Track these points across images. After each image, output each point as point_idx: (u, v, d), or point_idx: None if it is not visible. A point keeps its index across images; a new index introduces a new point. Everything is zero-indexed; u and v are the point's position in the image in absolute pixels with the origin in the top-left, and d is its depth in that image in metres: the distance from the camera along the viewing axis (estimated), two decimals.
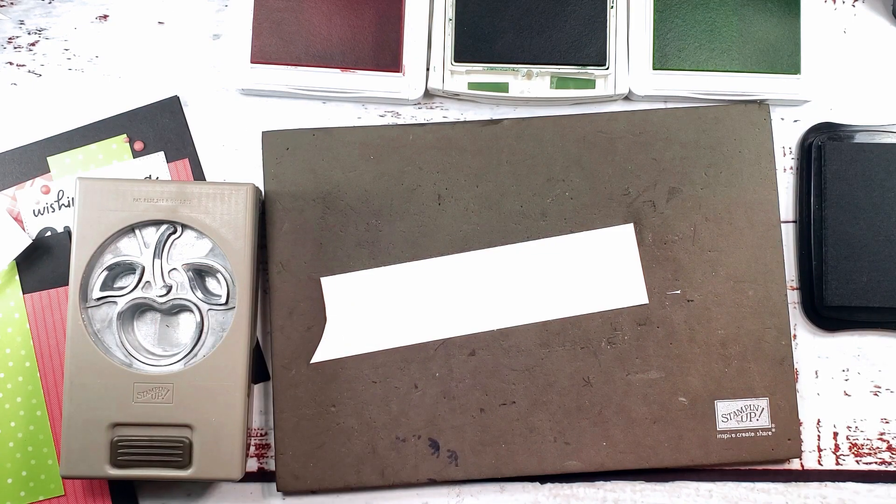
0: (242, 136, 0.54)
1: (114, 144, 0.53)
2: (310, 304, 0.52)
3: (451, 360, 0.52)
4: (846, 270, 0.52)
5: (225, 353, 0.49)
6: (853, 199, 0.52)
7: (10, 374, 0.52)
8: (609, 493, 0.52)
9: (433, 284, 0.52)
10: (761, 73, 0.53)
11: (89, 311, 0.50)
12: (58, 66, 0.54)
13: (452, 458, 0.51)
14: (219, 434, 0.48)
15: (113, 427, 0.48)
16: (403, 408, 0.52)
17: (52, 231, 0.53)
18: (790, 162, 0.54)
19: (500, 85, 0.53)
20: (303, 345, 0.51)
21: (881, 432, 0.53)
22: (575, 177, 0.53)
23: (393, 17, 0.53)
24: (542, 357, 0.52)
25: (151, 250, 0.50)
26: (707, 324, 0.52)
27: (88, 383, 0.48)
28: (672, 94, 0.53)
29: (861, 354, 0.53)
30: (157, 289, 0.50)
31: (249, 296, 0.49)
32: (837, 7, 0.55)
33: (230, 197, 0.49)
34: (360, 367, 0.52)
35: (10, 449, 0.51)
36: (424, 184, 0.53)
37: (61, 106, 0.54)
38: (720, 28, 0.53)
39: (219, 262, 0.50)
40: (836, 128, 0.53)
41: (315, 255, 0.52)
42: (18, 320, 0.52)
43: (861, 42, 0.55)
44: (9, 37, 0.54)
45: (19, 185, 0.53)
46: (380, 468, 0.51)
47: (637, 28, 0.53)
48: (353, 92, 0.53)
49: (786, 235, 0.54)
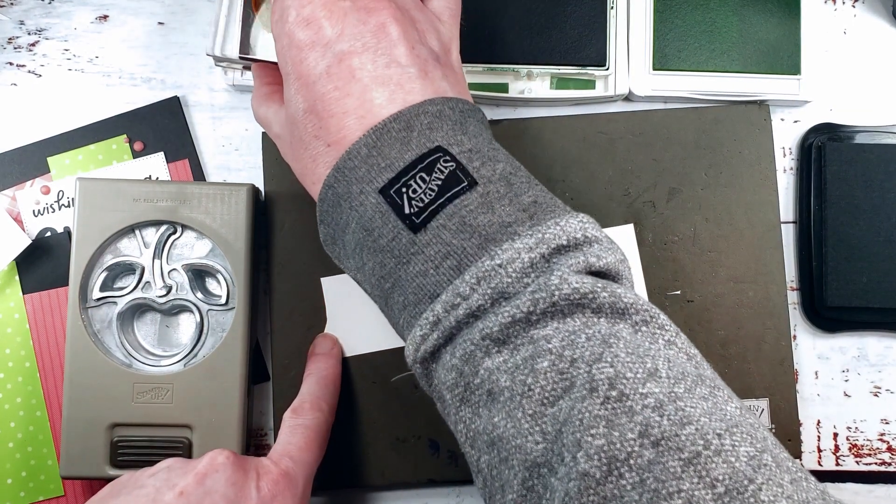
0: (243, 136, 0.54)
1: (114, 145, 0.53)
2: (310, 304, 0.52)
3: None
4: (846, 271, 0.52)
5: (225, 354, 0.49)
6: (853, 200, 0.52)
7: (9, 374, 0.52)
8: None
9: None
10: (761, 73, 0.53)
11: (89, 311, 0.50)
12: (58, 66, 0.54)
13: (452, 459, 0.51)
14: (218, 434, 0.48)
15: (113, 427, 0.48)
16: (403, 408, 0.51)
17: (51, 231, 0.53)
18: (790, 162, 0.54)
19: (500, 85, 0.53)
20: (303, 345, 0.51)
21: (881, 433, 0.53)
22: (575, 177, 0.53)
23: None
24: None
25: (151, 251, 0.50)
26: (707, 324, 0.52)
27: (88, 384, 0.48)
28: (672, 95, 0.53)
29: (861, 355, 0.53)
30: (157, 289, 0.50)
31: (249, 296, 0.49)
32: (838, 8, 0.55)
33: (230, 197, 0.49)
34: (360, 367, 0.52)
35: (9, 449, 0.51)
36: None
37: (61, 106, 0.54)
38: (720, 29, 0.53)
39: (218, 263, 0.50)
40: (836, 128, 0.53)
41: (315, 256, 0.52)
42: (18, 321, 0.52)
43: (861, 43, 0.55)
44: (9, 37, 0.54)
45: (19, 186, 0.53)
46: (380, 469, 0.51)
47: (637, 29, 0.53)
48: None
49: (786, 236, 0.53)
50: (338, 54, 0.38)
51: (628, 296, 0.34)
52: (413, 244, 0.36)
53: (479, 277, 0.34)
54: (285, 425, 0.47)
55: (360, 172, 0.37)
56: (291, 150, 0.41)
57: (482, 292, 0.34)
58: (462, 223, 0.35)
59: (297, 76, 0.38)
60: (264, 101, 0.44)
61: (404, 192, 0.36)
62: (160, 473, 0.42)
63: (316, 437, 0.46)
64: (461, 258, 0.35)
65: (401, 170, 0.36)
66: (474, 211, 0.36)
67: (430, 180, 0.36)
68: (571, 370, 0.33)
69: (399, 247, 0.36)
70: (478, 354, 0.34)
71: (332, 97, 0.38)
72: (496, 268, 0.34)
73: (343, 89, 0.37)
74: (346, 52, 0.38)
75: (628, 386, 0.32)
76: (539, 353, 0.33)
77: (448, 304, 0.35)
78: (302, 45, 0.38)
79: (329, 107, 0.38)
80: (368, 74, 0.37)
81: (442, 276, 0.35)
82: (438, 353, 0.36)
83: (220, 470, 0.42)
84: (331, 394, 0.49)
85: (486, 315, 0.34)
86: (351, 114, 0.37)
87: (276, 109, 0.43)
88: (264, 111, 0.44)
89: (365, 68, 0.37)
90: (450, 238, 0.35)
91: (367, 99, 0.37)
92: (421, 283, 0.36)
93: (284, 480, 0.43)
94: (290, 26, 0.38)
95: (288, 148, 0.42)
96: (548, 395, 0.33)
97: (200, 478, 0.41)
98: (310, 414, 0.47)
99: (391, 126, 0.37)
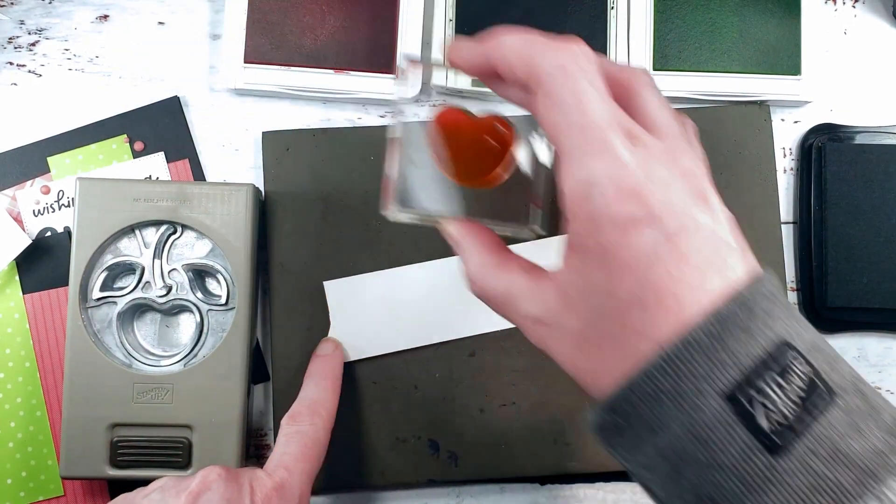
0: (243, 137, 0.54)
1: (114, 144, 0.53)
2: (310, 304, 0.52)
3: (451, 361, 0.52)
4: (846, 272, 0.52)
5: (225, 354, 0.49)
6: (853, 201, 0.52)
7: (9, 374, 0.52)
8: (609, 494, 0.52)
9: (435, 287, 0.52)
10: (762, 74, 0.53)
11: (89, 311, 0.50)
12: (58, 66, 0.54)
13: (452, 459, 0.51)
14: (218, 434, 0.48)
15: (113, 427, 0.48)
16: (403, 408, 0.51)
17: (52, 231, 0.53)
18: (790, 163, 0.54)
19: None
20: (303, 345, 0.51)
21: None
22: None
23: (387, 18, 0.53)
24: (542, 357, 0.52)
25: (151, 250, 0.50)
26: None
27: (88, 383, 0.48)
28: (672, 95, 0.53)
29: (861, 356, 0.53)
30: (157, 289, 0.50)
31: (249, 296, 0.49)
32: (838, 8, 0.55)
33: (230, 197, 0.49)
34: (359, 368, 0.52)
35: (9, 449, 0.51)
36: None
37: (61, 106, 0.54)
38: (720, 29, 0.53)
39: (219, 263, 0.50)
40: (836, 129, 0.53)
41: (315, 256, 0.52)
42: (18, 320, 0.52)
43: (862, 43, 0.55)
44: (9, 37, 0.54)
45: (19, 185, 0.53)
46: (380, 469, 0.51)
47: (637, 29, 0.53)
48: (347, 93, 0.53)
49: (786, 236, 0.53)
50: (666, 234, 0.32)
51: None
52: (771, 470, 0.30)
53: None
54: (282, 433, 0.46)
55: (697, 368, 0.30)
56: (576, 336, 0.34)
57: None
58: (834, 450, 0.29)
59: (615, 258, 0.32)
60: (501, 273, 0.37)
61: (758, 401, 0.30)
62: (154, 494, 0.41)
63: (313, 445, 0.46)
64: (838, 496, 0.29)
65: (750, 370, 0.30)
66: (844, 434, 0.30)
67: (787, 388, 0.30)
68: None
69: (750, 470, 0.30)
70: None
71: (662, 283, 0.31)
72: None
73: (675, 272, 0.31)
74: (675, 232, 0.32)
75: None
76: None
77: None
78: (626, 224, 0.32)
79: (658, 294, 0.31)
80: (698, 252, 0.32)
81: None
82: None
83: (212, 488, 0.41)
84: (330, 399, 0.48)
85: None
86: (683, 298, 0.31)
87: (535, 287, 0.36)
88: (506, 286, 0.37)
89: (694, 244, 0.32)
90: (821, 469, 0.29)
91: (700, 282, 0.31)
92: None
93: (278, 494, 0.42)
94: (610, 204, 0.32)
95: (563, 332, 0.35)
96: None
97: (193, 497, 0.40)
98: (307, 420, 0.46)
99: (734, 311, 0.31)
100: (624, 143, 0.32)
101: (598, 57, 0.35)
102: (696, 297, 0.31)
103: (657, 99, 0.36)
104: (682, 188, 0.33)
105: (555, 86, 0.33)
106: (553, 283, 0.35)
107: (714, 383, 0.30)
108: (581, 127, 0.32)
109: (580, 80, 0.33)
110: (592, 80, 0.33)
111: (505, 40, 0.36)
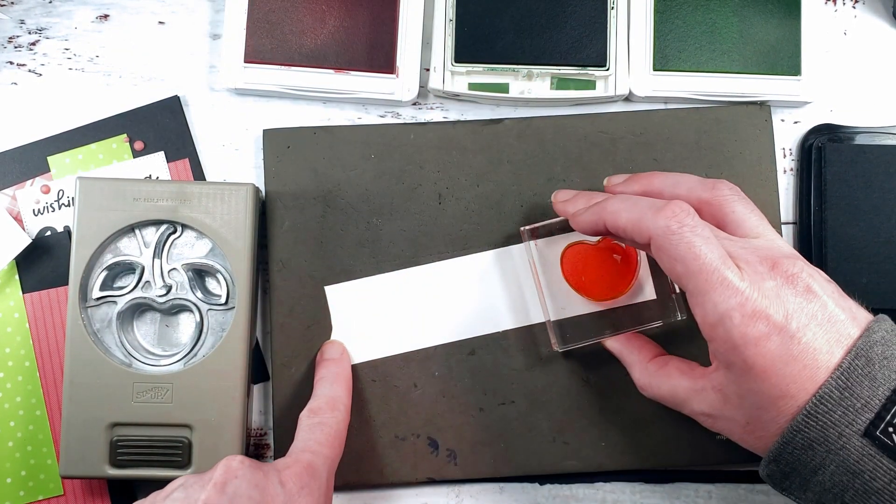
0: (243, 136, 0.54)
1: (114, 144, 0.53)
2: (310, 303, 0.52)
3: (450, 360, 0.52)
4: (847, 272, 0.52)
5: (224, 353, 0.49)
6: (853, 201, 0.52)
7: (9, 373, 0.52)
8: (608, 493, 0.52)
9: (436, 288, 0.52)
10: (762, 74, 0.53)
11: (89, 310, 0.50)
12: (58, 65, 0.54)
13: (451, 458, 0.51)
14: (218, 434, 0.49)
15: (112, 427, 0.48)
16: (403, 407, 0.52)
17: (52, 231, 0.53)
18: (790, 163, 0.54)
19: (501, 86, 0.53)
20: (303, 344, 0.51)
21: None
22: (576, 177, 0.53)
23: (387, 18, 0.53)
24: (541, 356, 0.52)
25: (151, 250, 0.50)
26: None
27: (88, 383, 0.48)
28: (672, 95, 0.53)
29: None
30: (157, 289, 0.50)
31: (249, 296, 0.49)
32: (838, 9, 0.55)
33: (230, 197, 0.49)
34: (359, 366, 0.52)
35: (9, 448, 0.51)
36: (425, 183, 0.53)
37: (61, 105, 0.54)
38: (721, 29, 0.53)
39: (219, 262, 0.50)
40: (836, 129, 0.53)
41: (315, 254, 0.52)
42: (18, 320, 0.52)
43: (862, 44, 0.55)
44: (9, 36, 0.54)
45: (19, 185, 0.53)
46: (379, 467, 0.51)
47: (637, 29, 0.53)
48: (346, 93, 0.53)
49: (786, 236, 0.53)
50: (790, 336, 0.39)
51: None
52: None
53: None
54: (303, 424, 0.46)
55: (835, 416, 0.38)
56: (741, 424, 0.42)
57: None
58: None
59: (755, 366, 0.39)
60: (664, 379, 0.46)
61: (893, 433, 0.38)
62: (176, 493, 0.41)
63: (336, 434, 0.46)
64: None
65: (880, 408, 0.38)
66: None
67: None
68: None
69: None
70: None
71: (798, 373, 0.39)
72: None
73: (807, 360, 0.39)
74: (796, 331, 0.39)
75: None
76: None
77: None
78: (757, 340, 0.39)
79: (797, 381, 0.39)
80: (816, 337, 0.39)
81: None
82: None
83: (238, 475, 0.41)
84: (347, 396, 0.49)
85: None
86: (816, 372, 0.39)
87: (697, 388, 0.44)
88: (670, 389, 0.45)
89: (812, 332, 0.39)
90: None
91: (827, 359, 0.39)
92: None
93: (308, 472, 0.43)
94: (739, 328, 0.39)
95: (729, 422, 0.43)
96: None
97: (220, 486, 0.40)
98: (328, 413, 0.47)
99: (855, 364, 0.38)
100: (736, 274, 0.40)
101: (690, 196, 0.45)
102: (823, 366, 0.39)
103: (742, 207, 0.45)
104: (790, 291, 0.40)
105: (666, 243, 0.41)
106: (711, 384, 0.43)
107: (852, 426, 0.38)
108: (698, 272, 0.40)
109: (686, 235, 0.40)
110: (694, 229, 0.41)
111: (613, 206, 0.44)
